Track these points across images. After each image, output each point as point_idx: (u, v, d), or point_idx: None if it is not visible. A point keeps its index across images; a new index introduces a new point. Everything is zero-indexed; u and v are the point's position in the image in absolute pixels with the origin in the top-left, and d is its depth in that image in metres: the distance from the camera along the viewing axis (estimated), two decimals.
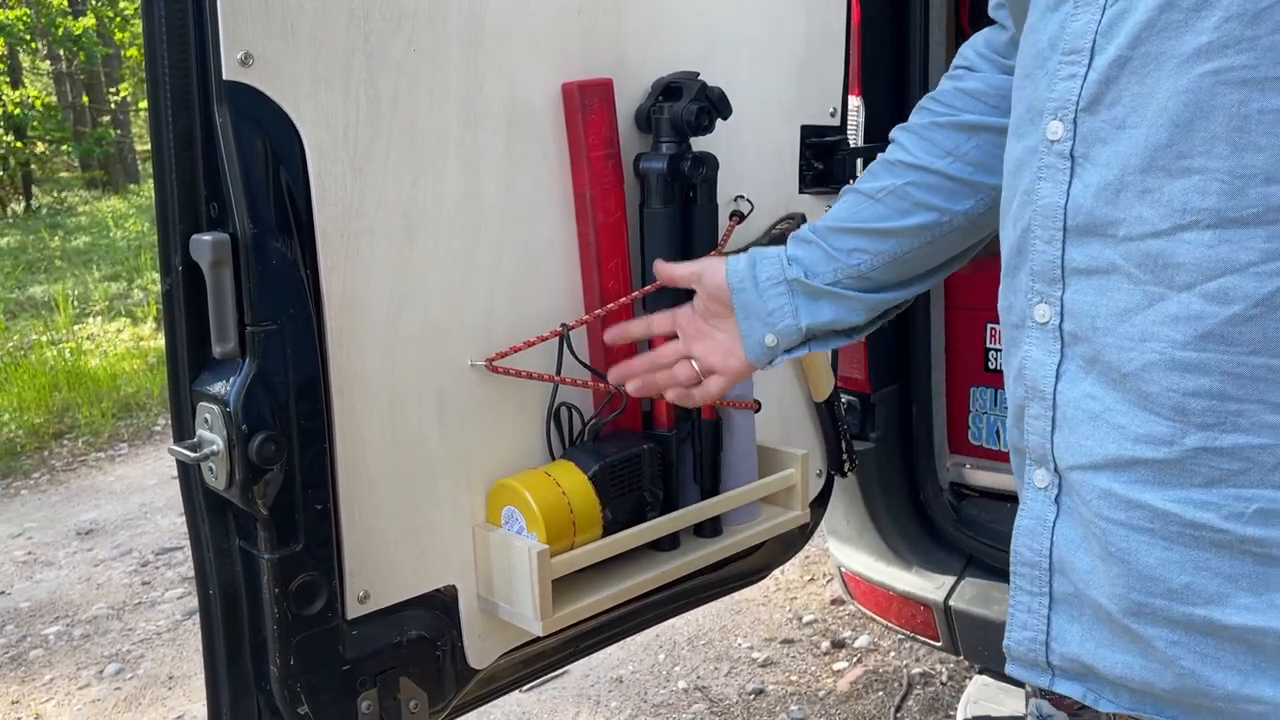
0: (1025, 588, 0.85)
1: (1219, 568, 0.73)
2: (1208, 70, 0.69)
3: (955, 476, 2.01)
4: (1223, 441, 0.72)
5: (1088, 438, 0.78)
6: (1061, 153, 0.78)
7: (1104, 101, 0.75)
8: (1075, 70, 0.77)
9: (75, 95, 16.58)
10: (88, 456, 4.72)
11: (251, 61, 1.00)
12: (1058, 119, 0.78)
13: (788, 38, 1.51)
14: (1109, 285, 0.76)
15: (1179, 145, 0.71)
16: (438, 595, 1.22)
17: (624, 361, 1.26)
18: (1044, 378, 0.81)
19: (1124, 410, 0.75)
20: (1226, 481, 0.72)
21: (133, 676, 2.88)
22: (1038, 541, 0.83)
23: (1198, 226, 0.71)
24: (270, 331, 1.03)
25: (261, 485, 1.03)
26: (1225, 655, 0.74)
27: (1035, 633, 0.84)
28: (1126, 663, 0.79)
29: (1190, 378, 0.72)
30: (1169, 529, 0.74)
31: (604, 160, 1.28)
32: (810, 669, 2.73)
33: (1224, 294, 0.70)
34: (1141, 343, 0.74)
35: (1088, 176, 0.76)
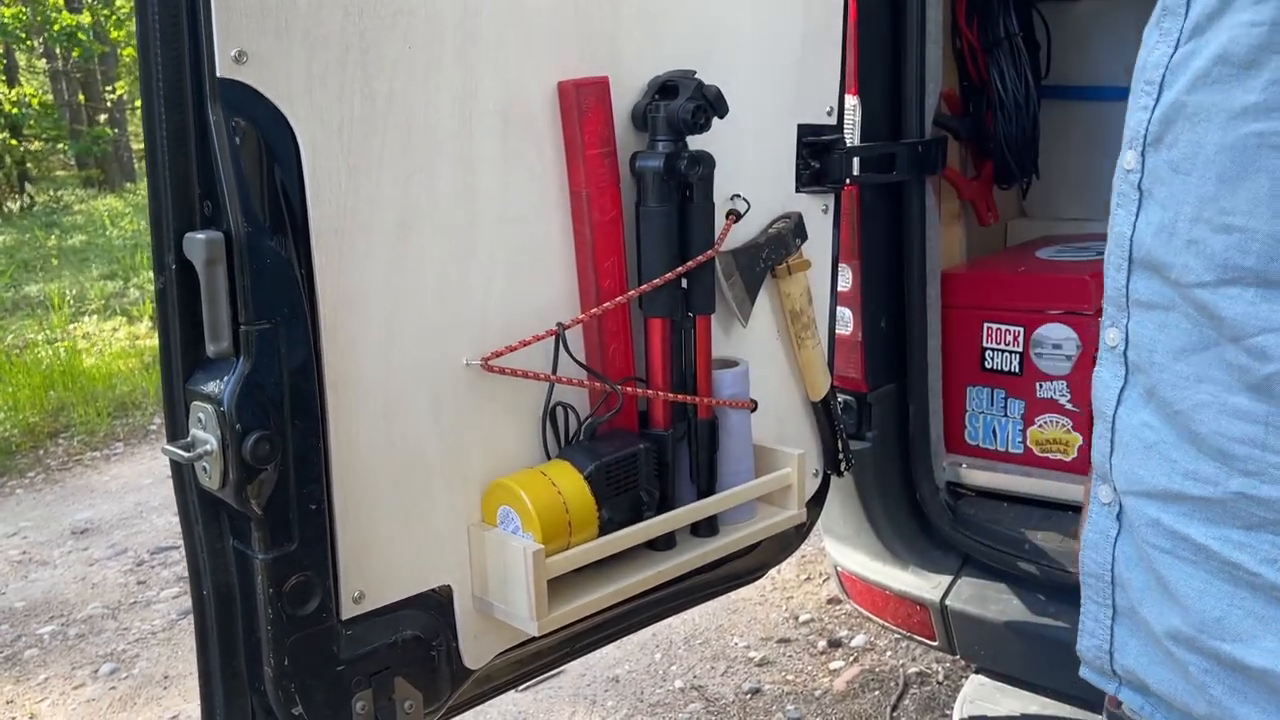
0: (1093, 598, 0.87)
1: (1252, 608, 0.74)
2: (1253, 131, 0.68)
3: (952, 476, 2.01)
4: (1262, 491, 0.72)
5: (1141, 466, 0.80)
6: (1133, 183, 0.78)
7: (1165, 141, 0.75)
8: (1148, 102, 0.77)
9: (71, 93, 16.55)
10: (83, 456, 4.71)
11: (245, 59, 1.00)
12: (1132, 149, 0.78)
13: (785, 36, 1.50)
14: (1169, 321, 0.76)
15: (1224, 200, 0.71)
16: (433, 595, 1.22)
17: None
18: (1107, 400, 0.83)
19: (1176, 444, 0.77)
20: (1264, 528, 0.73)
21: (128, 676, 2.87)
22: (1101, 555, 0.86)
23: (1240, 283, 0.71)
24: (264, 330, 1.02)
25: (255, 485, 1.03)
26: (1250, 692, 0.75)
27: (1101, 641, 0.87)
28: (1170, 682, 0.81)
29: (1237, 424, 0.73)
30: (1210, 564, 0.75)
31: (600, 158, 1.28)
32: (806, 668, 2.73)
33: (1263, 351, 0.70)
34: (1197, 383, 0.75)
35: (1150, 213, 0.77)
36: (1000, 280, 2.01)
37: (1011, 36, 2.13)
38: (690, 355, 1.38)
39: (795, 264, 1.53)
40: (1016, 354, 1.95)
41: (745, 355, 1.50)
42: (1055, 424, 1.93)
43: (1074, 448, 1.91)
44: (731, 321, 1.50)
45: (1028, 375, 1.94)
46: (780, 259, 1.51)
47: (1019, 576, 1.84)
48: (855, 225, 1.82)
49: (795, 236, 1.53)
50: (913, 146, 1.81)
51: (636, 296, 1.32)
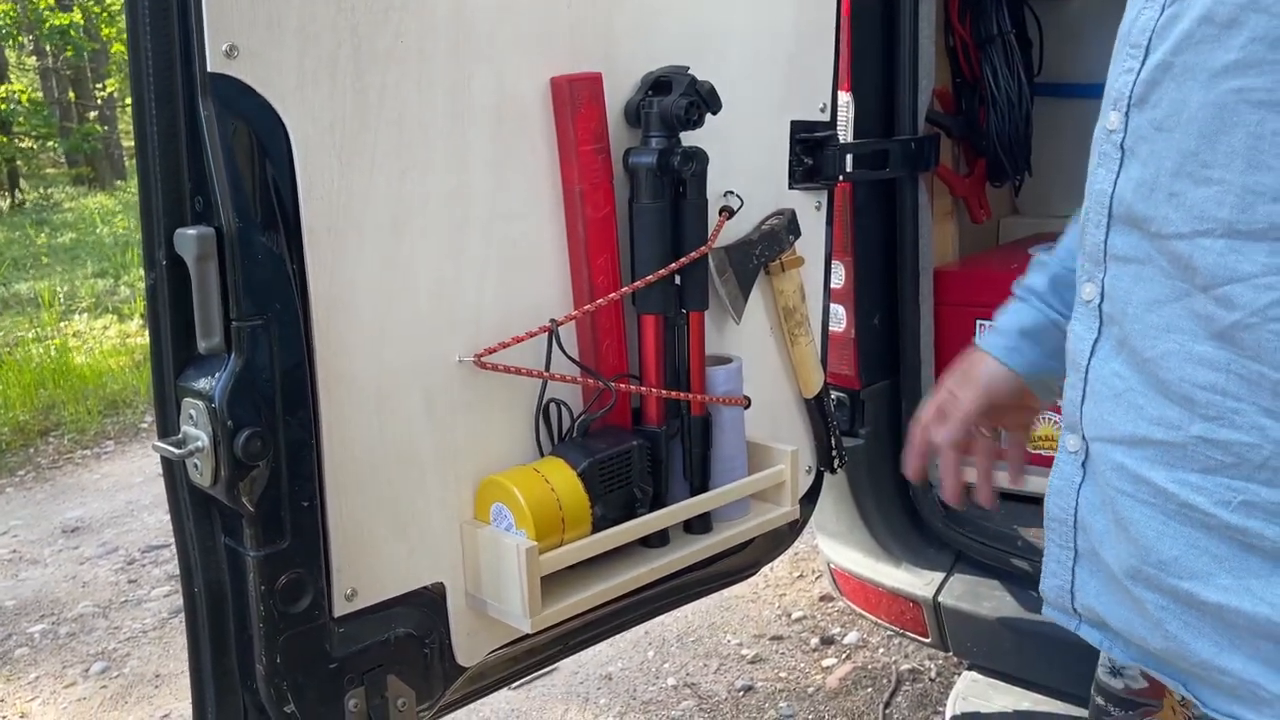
0: (1056, 541, 0.92)
1: (1207, 547, 0.79)
2: (1233, 87, 0.72)
3: None
4: (1220, 435, 0.76)
5: (1110, 413, 0.83)
6: (1115, 143, 0.82)
7: (1149, 100, 0.78)
8: (1133, 65, 0.80)
9: (61, 91, 16.48)
10: (74, 454, 4.69)
11: (237, 53, 0.99)
12: (1116, 110, 0.82)
13: (778, 33, 1.50)
14: (1144, 274, 0.80)
15: (1204, 155, 0.74)
16: (426, 592, 1.21)
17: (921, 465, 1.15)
18: (1081, 351, 0.86)
19: (1143, 392, 0.81)
20: (1220, 471, 0.77)
21: (119, 675, 2.86)
22: (1065, 500, 0.90)
23: (1212, 235, 0.74)
24: (256, 327, 1.02)
25: (247, 482, 1.02)
26: (1203, 626, 0.80)
27: (1063, 581, 0.92)
28: (1128, 619, 0.86)
29: (1202, 371, 0.76)
30: (1168, 506, 0.80)
31: (593, 155, 1.28)
32: (799, 665, 2.73)
33: (1229, 300, 0.74)
34: (1165, 333, 0.78)
35: (1131, 170, 0.80)
36: (993, 277, 2.01)
37: (1004, 34, 2.13)
38: (683, 352, 1.38)
39: (788, 261, 1.53)
40: None
41: (739, 352, 1.50)
42: (1049, 420, 1.93)
43: None
44: (725, 318, 1.49)
45: None
46: (773, 255, 1.51)
47: (1011, 573, 1.85)
48: (848, 222, 1.82)
49: (788, 233, 1.53)
50: (905, 143, 1.81)
51: (630, 293, 1.32)
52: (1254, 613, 0.77)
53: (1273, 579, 0.76)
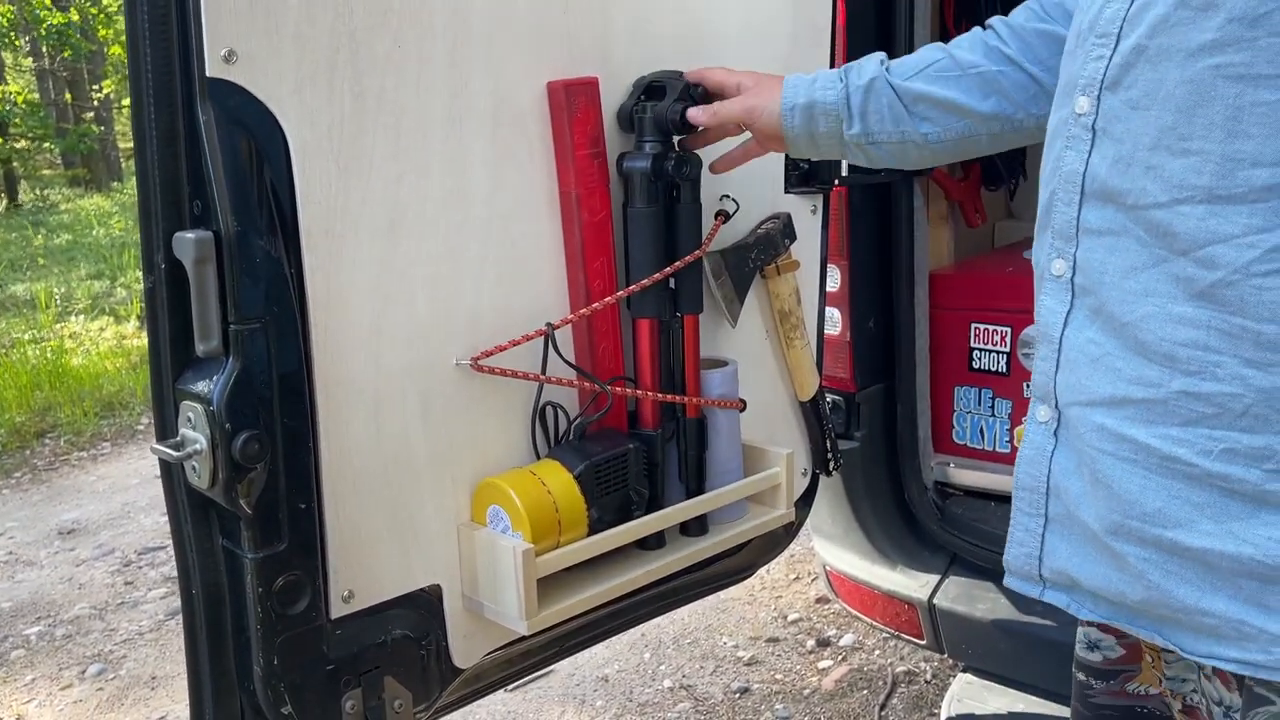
0: (1025, 509, 0.96)
1: (1188, 496, 0.83)
2: (1211, 64, 0.78)
3: (940, 475, 2.02)
4: (1202, 388, 0.81)
5: (1087, 378, 0.88)
6: (1086, 125, 0.87)
7: (1123, 83, 0.84)
8: (1103, 52, 0.85)
9: (58, 92, 16.46)
10: (70, 455, 4.69)
11: (235, 58, 1.00)
12: (1085, 95, 0.87)
13: (772, 37, 1.51)
14: (1119, 245, 0.85)
15: (1181, 128, 0.80)
16: (422, 594, 1.22)
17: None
18: (1053, 324, 0.91)
19: (1121, 355, 0.85)
20: (1201, 423, 0.82)
21: (115, 677, 2.86)
22: (1037, 469, 0.94)
23: (1192, 201, 0.80)
24: (254, 330, 1.02)
25: (245, 484, 1.03)
26: (1187, 573, 0.84)
27: (1030, 549, 0.96)
28: (1104, 575, 0.90)
29: (1183, 329, 0.82)
30: (1150, 460, 0.85)
31: (589, 159, 1.28)
32: (795, 667, 2.73)
33: (1211, 260, 0.79)
34: (1144, 297, 0.83)
35: (1105, 149, 0.85)
36: (987, 281, 2.02)
37: None
38: (679, 355, 1.39)
39: (784, 264, 1.54)
40: (1004, 354, 1.96)
41: (734, 355, 1.50)
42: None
43: None
44: (721, 322, 1.50)
45: (1015, 375, 1.96)
46: (769, 259, 1.52)
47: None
48: (844, 226, 1.83)
49: (784, 237, 1.54)
50: None
51: (625, 297, 1.33)
52: (1237, 553, 0.82)
53: (1253, 520, 0.81)
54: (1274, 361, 0.79)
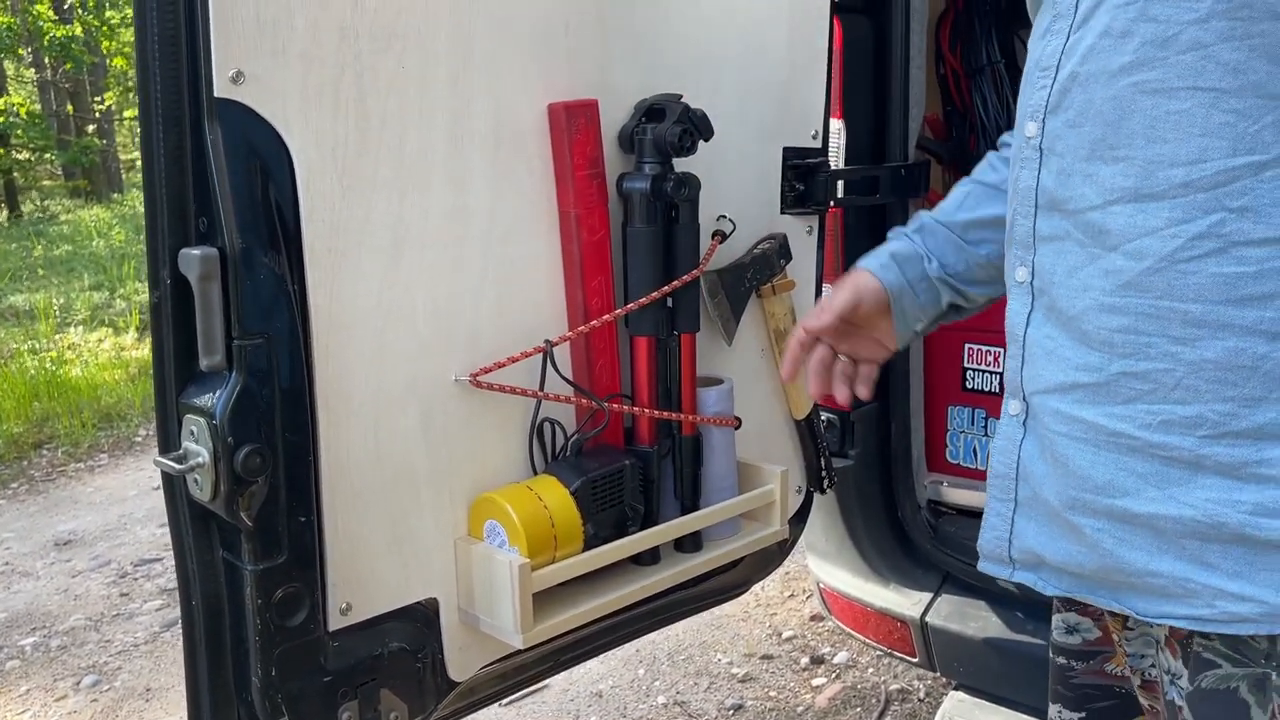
0: (997, 496, 1.04)
1: (1133, 467, 0.91)
2: (1130, 82, 0.89)
3: (933, 494, 2.03)
4: (1137, 367, 0.90)
5: (1044, 369, 0.97)
6: (1035, 146, 0.97)
7: (1062, 106, 0.94)
8: (1045, 82, 0.96)
9: (60, 104, 16.52)
10: (67, 467, 4.69)
11: (243, 79, 1.02)
12: (1032, 120, 0.97)
13: (770, 61, 1.53)
14: (1064, 249, 0.95)
15: (1110, 139, 0.90)
16: (419, 607, 1.23)
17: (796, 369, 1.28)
18: (1018, 324, 1.00)
19: (1069, 345, 0.94)
20: (1139, 399, 0.90)
21: (110, 688, 2.86)
22: (1008, 457, 1.02)
23: (1121, 201, 0.90)
24: (257, 345, 1.04)
25: (246, 497, 1.04)
26: (1136, 539, 0.92)
27: (1001, 533, 1.04)
28: (1065, 550, 0.97)
29: (1115, 317, 0.91)
30: (1098, 437, 0.93)
31: (589, 179, 1.30)
32: (789, 685, 2.74)
33: (1139, 252, 0.89)
34: (1083, 292, 0.93)
35: (1050, 164, 0.96)
36: None
37: (994, 63, 2.17)
38: (675, 373, 1.41)
39: (780, 284, 1.56)
40: (997, 374, 1.98)
41: (730, 373, 1.52)
42: None
43: None
44: (717, 340, 1.52)
45: None
46: (765, 279, 1.54)
47: (998, 594, 1.87)
48: (839, 246, 1.84)
49: (780, 257, 1.56)
50: (896, 170, 1.84)
51: (623, 315, 1.34)
52: (1179, 515, 0.89)
53: (1191, 485, 0.89)
54: (1199, 336, 0.88)
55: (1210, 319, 0.87)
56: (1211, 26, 0.84)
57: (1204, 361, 0.87)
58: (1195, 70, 0.85)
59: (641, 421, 1.39)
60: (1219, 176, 0.85)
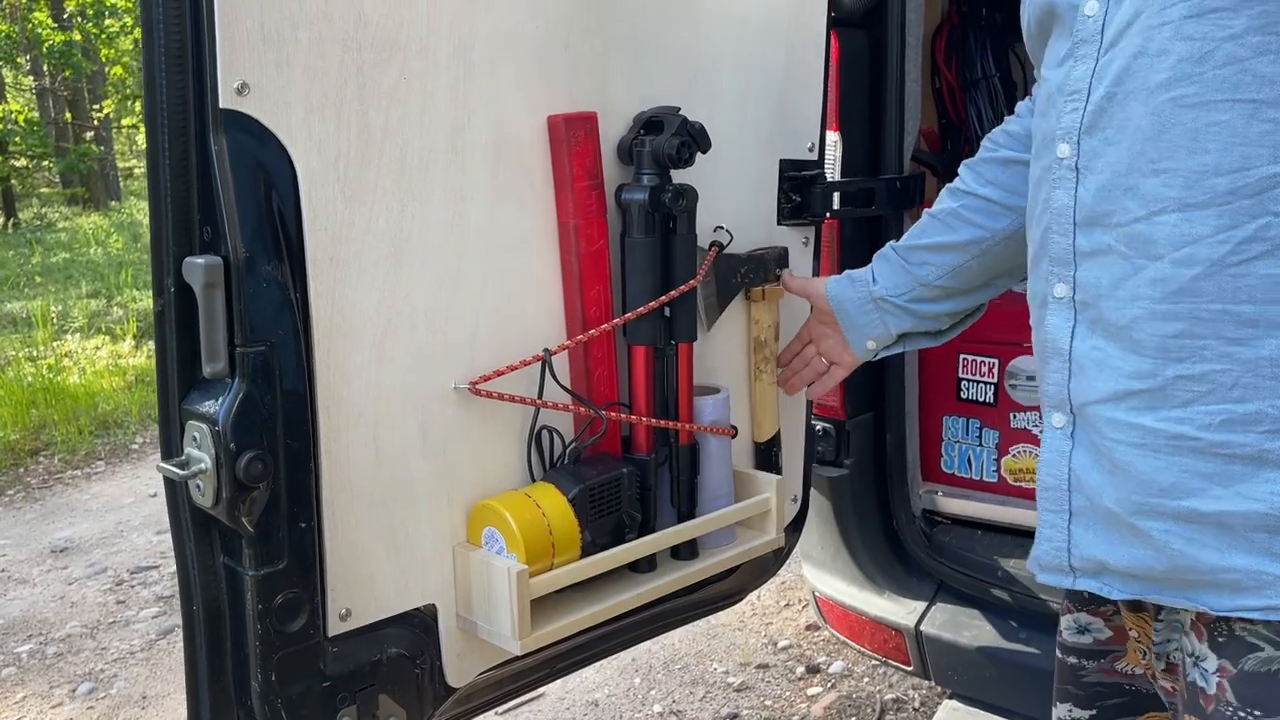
0: (1050, 508, 1.06)
1: (1196, 468, 0.94)
2: (1169, 98, 0.92)
3: (927, 504, 2.05)
4: (1193, 370, 0.93)
5: (1096, 380, 1.00)
6: (1070, 166, 1.01)
7: (1098, 126, 0.98)
8: (1077, 105, 1.01)
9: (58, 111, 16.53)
10: (64, 474, 4.69)
11: (247, 91, 1.03)
12: (1065, 142, 1.02)
13: (767, 74, 1.55)
14: (1108, 262, 0.98)
15: (1150, 153, 0.94)
16: (418, 614, 1.24)
17: (786, 366, 1.60)
18: (1061, 339, 1.03)
19: (1120, 355, 0.97)
20: (1197, 401, 0.93)
21: (106, 696, 2.86)
22: (1058, 469, 1.05)
23: (1166, 211, 0.93)
24: (260, 353, 1.05)
25: (248, 503, 1.05)
26: (1205, 537, 0.94)
27: (1058, 544, 1.05)
28: (1132, 554, 0.99)
29: (1168, 324, 0.94)
30: (1158, 442, 0.95)
31: (588, 190, 1.32)
32: (784, 694, 2.75)
33: (1189, 259, 0.92)
34: (1132, 302, 0.96)
35: (1088, 182, 0.99)
36: None
37: (989, 77, 2.19)
38: (672, 382, 1.42)
39: (770, 291, 1.57)
40: (991, 385, 1.99)
41: (728, 383, 1.54)
42: (1029, 454, 1.97)
43: None
44: (714, 350, 1.53)
45: (1002, 406, 1.99)
46: (757, 281, 1.55)
47: (992, 603, 1.88)
48: (835, 257, 1.86)
49: (776, 265, 1.57)
50: (891, 182, 1.86)
51: (621, 324, 1.36)
52: (1247, 510, 0.92)
53: (1255, 480, 0.92)
54: (1254, 335, 0.91)
55: (1263, 318, 0.90)
56: (1247, 42, 0.88)
57: (1260, 359, 0.90)
58: (1233, 83, 0.89)
59: (639, 430, 1.40)
60: (1263, 182, 0.89)
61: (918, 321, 1.42)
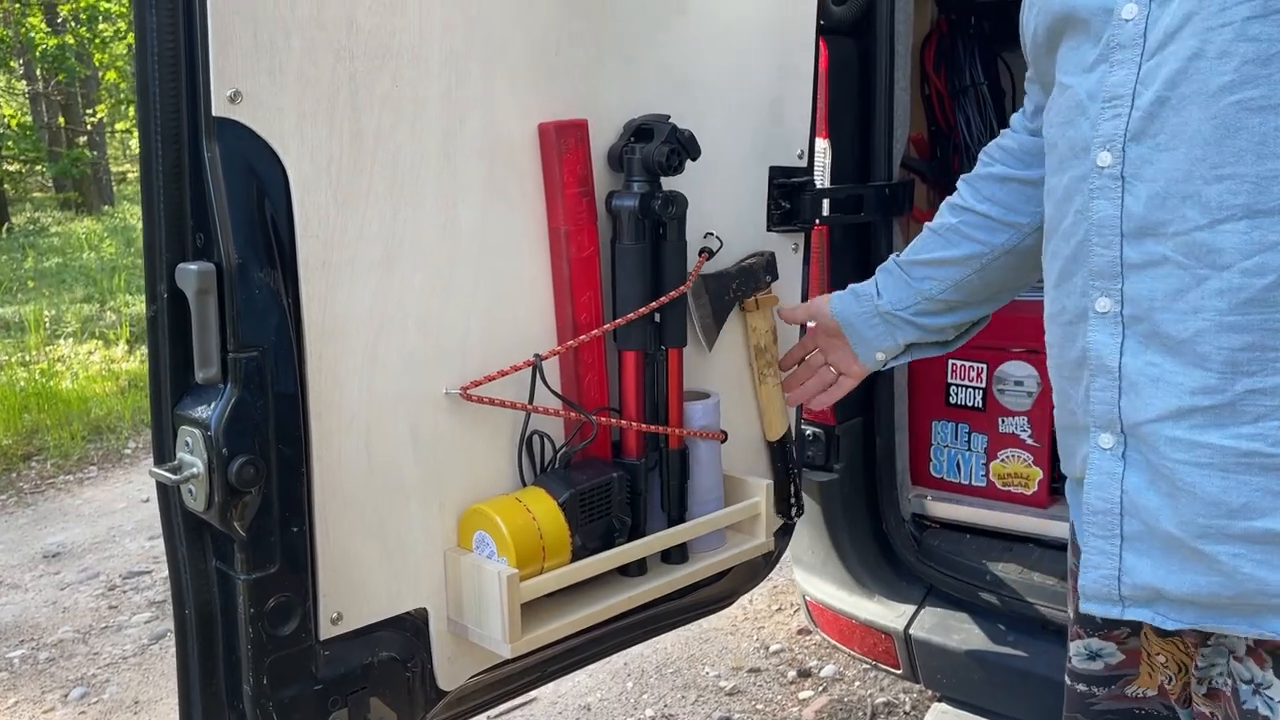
0: (1097, 534, 1.00)
1: (1269, 486, 0.89)
2: (1233, 101, 0.88)
3: (917, 508, 2.06)
4: (1265, 383, 0.89)
5: (1153, 398, 0.94)
6: (1113, 175, 0.96)
7: (1148, 132, 0.93)
8: (1120, 111, 0.96)
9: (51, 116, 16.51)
10: (56, 479, 4.69)
11: (240, 99, 1.04)
12: (1106, 150, 0.96)
13: (757, 82, 1.56)
14: (1163, 274, 0.93)
15: (1212, 159, 0.90)
16: (409, 617, 1.25)
17: (791, 378, 1.61)
18: (1108, 355, 0.97)
19: (1180, 370, 0.92)
20: (1270, 416, 0.89)
21: (98, 701, 2.86)
22: (1108, 492, 0.99)
23: (1233, 219, 0.89)
24: (252, 358, 1.06)
25: (240, 507, 1.06)
26: (1278, 559, 0.89)
27: (1108, 572, 0.99)
28: (1193, 580, 0.94)
29: (1237, 336, 0.89)
30: (1226, 461, 0.91)
31: (578, 197, 1.33)
32: (776, 698, 2.76)
33: (1260, 268, 0.88)
34: (1194, 314, 0.91)
35: (1138, 190, 0.94)
36: None
37: (977, 85, 2.21)
38: (662, 387, 1.43)
39: (763, 299, 1.58)
40: (980, 390, 2.01)
41: (718, 388, 1.55)
42: (1017, 458, 1.99)
43: (1034, 481, 1.97)
44: (704, 355, 1.54)
45: (990, 411, 2.00)
46: (749, 293, 1.56)
47: (980, 607, 1.89)
48: (825, 263, 1.87)
49: (766, 273, 1.58)
50: (880, 189, 1.88)
51: (611, 330, 1.37)
52: None
53: None
54: None
55: None
56: None
57: None
58: None
59: (629, 435, 1.41)
60: None
61: (924, 333, 1.42)
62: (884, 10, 1.83)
